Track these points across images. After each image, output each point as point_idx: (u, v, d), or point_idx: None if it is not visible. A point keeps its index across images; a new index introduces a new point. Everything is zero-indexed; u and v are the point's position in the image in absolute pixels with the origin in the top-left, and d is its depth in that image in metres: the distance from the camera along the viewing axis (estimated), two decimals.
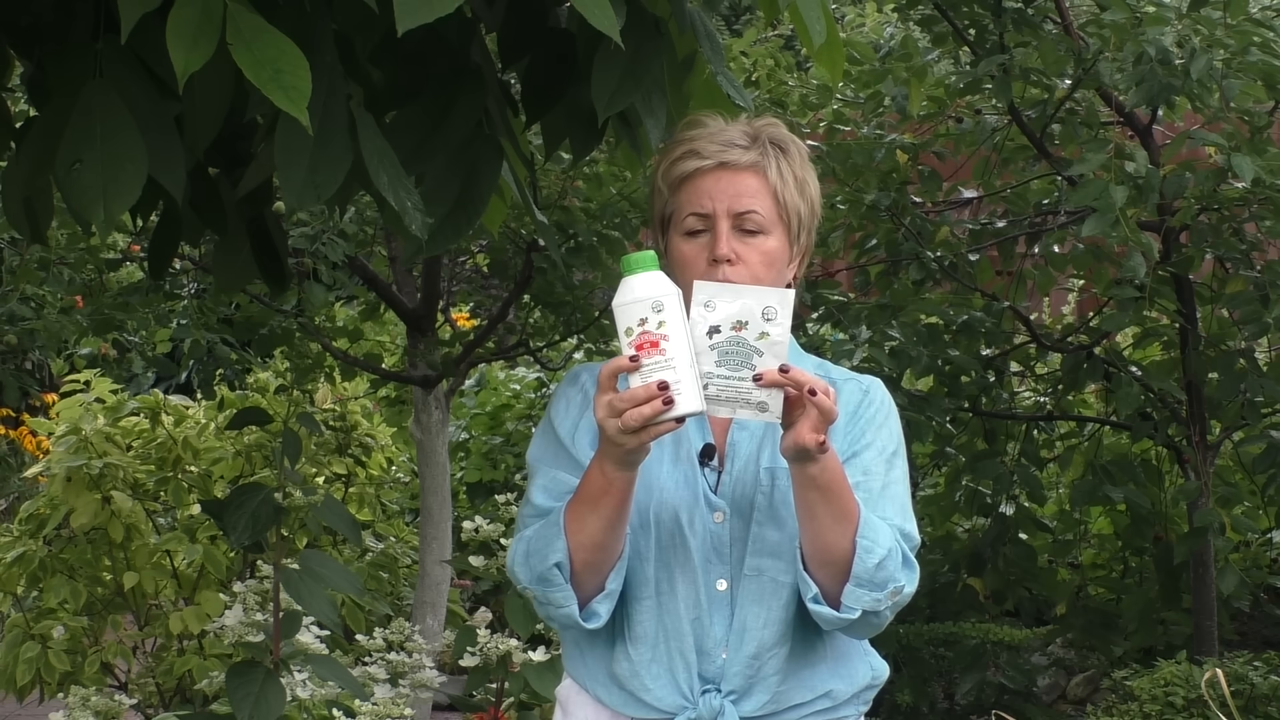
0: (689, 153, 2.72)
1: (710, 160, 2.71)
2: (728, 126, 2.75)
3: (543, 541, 2.79)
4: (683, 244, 2.75)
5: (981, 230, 6.99)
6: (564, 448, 2.85)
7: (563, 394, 2.90)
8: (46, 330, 6.65)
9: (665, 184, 2.76)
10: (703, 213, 2.72)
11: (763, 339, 2.57)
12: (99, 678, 6.09)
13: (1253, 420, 6.44)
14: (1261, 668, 5.92)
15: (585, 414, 2.85)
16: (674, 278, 2.66)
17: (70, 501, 6.14)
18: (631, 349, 2.55)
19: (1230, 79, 5.82)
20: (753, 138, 2.74)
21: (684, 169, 2.72)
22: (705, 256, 2.73)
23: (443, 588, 6.67)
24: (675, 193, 2.75)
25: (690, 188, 2.73)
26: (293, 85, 2.15)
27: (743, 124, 2.76)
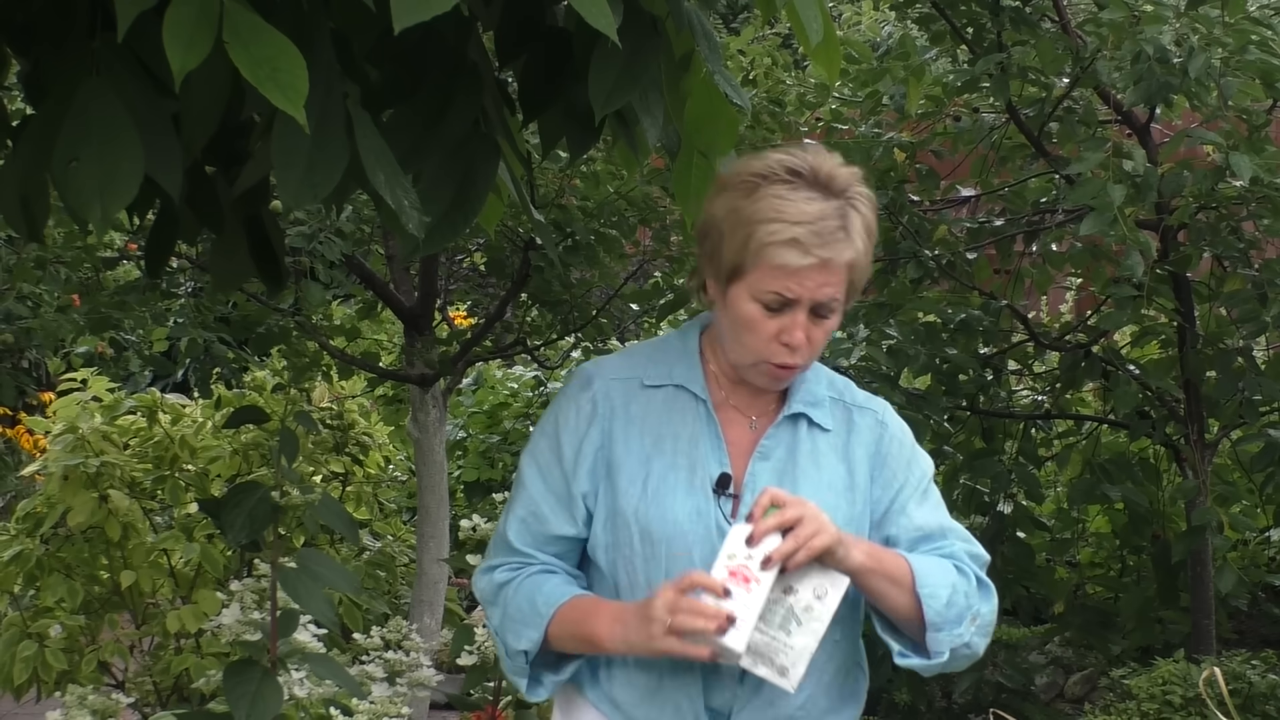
0: (791, 242, 2.68)
1: (812, 259, 2.69)
2: (822, 199, 2.70)
3: (519, 623, 2.83)
4: (752, 307, 2.74)
5: (979, 229, 6.99)
6: (562, 472, 2.84)
7: (572, 399, 2.87)
8: (43, 329, 6.65)
9: (751, 249, 2.70)
10: (789, 298, 2.72)
11: (807, 611, 2.68)
12: (96, 676, 6.09)
13: (1251, 419, 6.44)
14: (1259, 666, 5.93)
15: (592, 428, 2.83)
16: (724, 321, 2.77)
17: (67, 500, 6.14)
18: (725, 572, 2.63)
19: (1228, 77, 5.83)
20: (843, 214, 2.71)
21: (782, 259, 2.69)
22: (773, 332, 2.74)
23: (440, 586, 6.68)
24: (760, 264, 2.70)
25: (781, 272, 2.70)
26: (289, 84, 2.15)
27: (827, 184, 2.72)
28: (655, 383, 2.87)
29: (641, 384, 2.87)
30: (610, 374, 2.87)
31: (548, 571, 2.87)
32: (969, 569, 2.93)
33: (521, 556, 2.87)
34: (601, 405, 2.84)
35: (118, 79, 2.39)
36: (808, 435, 2.89)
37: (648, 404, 2.85)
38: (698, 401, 2.86)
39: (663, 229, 6.84)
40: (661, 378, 2.87)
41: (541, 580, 2.85)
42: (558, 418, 2.86)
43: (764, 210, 2.69)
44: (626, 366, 2.89)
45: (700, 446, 2.84)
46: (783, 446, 2.88)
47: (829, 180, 2.72)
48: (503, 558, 2.89)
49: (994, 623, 2.94)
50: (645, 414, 2.85)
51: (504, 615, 2.86)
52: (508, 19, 2.85)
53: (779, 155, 2.75)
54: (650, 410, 2.85)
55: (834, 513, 2.81)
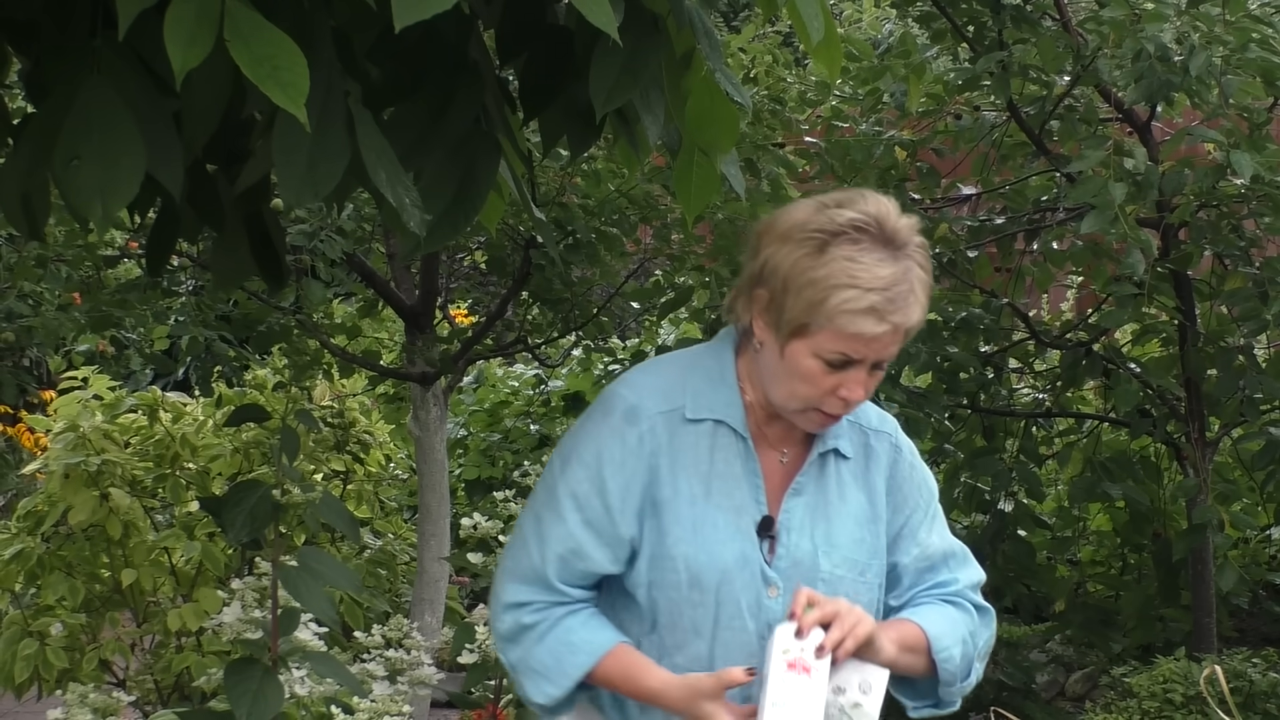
0: (867, 311, 2.65)
1: (886, 326, 2.66)
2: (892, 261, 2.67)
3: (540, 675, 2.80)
4: (812, 363, 2.70)
5: (980, 227, 6.99)
6: (606, 509, 2.78)
7: (617, 434, 2.80)
8: (44, 327, 6.66)
9: (823, 313, 2.66)
10: (855, 359, 2.70)
11: (856, 708, 2.75)
12: (97, 675, 6.09)
13: (1251, 417, 6.45)
14: (1260, 664, 5.93)
15: (640, 465, 2.77)
16: (773, 365, 2.73)
17: (68, 498, 6.14)
18: (784, 665, 2.68)
19: (1229, 75, 5.83)
20: (911, 274, 2.68)
21: (857, 328, 2.66)
22: (831, 386, 2.72)
23: (441, 585, 6.68)
24: (829, 327, 2.66)
25: (853, 338, 2.67)
26: (290, 82, 2.15)
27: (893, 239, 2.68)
28: (697, 416, 2.81)
29: (684, 417, 2.80)
30: (654, 406, 2.80)
31: (573, 613, 2.81)
32: (969, 605, 2.95)
33: (555, 595, 2.80)
34: (648, 442, 2.78)
35: (119, 77, 2.39)
36: (834, 467, 2.89)
37: (690, 440, 2.80)
38: (738, 439, 2.82)
39: (664, 227, 6.84)
40: (703, 410, 2.81)
41: (568, 629, 2.80)
42: (600, 451, 2.79)
43: (836, 274, 2.64)
44: (666, 395, 2.82)
45: (742, 487, 2.81)
46: (812, 481, 2.87)
47: (894, 235, 2.68)
48: (532, 595, 2.81)
49: (993, 640, 2.99)
50: (689, 451, 2.80)
51: (523, 661, 2.82)
52: (508, 17, 2.85)
53: (845, 211, 2.69)
54: (693, 447, 2.80)
55: (859, 546, 2.85)
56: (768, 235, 2.74)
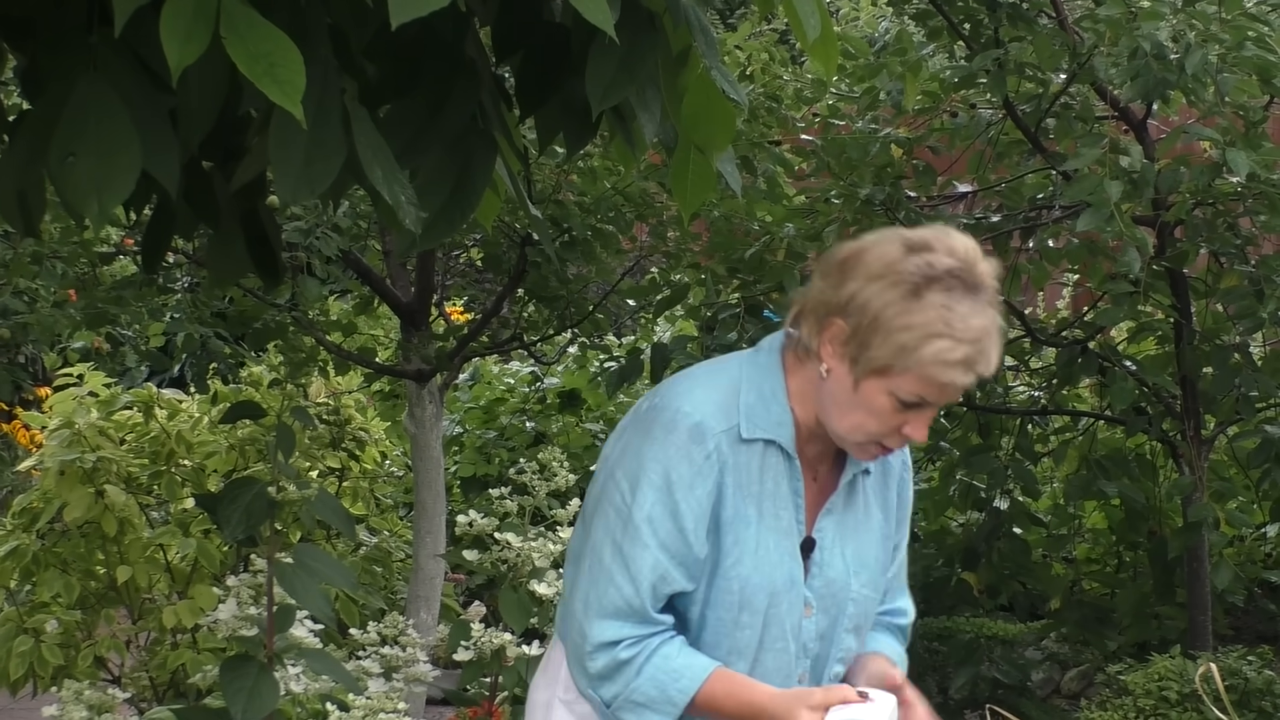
0: (962, 363, 2.67)
1: (973, 376, 2.68)
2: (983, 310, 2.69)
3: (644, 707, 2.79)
4: (885, 399, 2.70)
5: (976, 225, 6.98)
6: (680, 531, 2.76)
7: (685, 454, 2.77)
8: (40, 324, 6.65)
9: (914, 360, 2.66)
10: (930, 401, 2.71)
11: None
12: (92, 671, 6.09)
13: (1247, 415, 6.45)
14: (1255, 662, 5.93)
15: (709, 484, 2.76)
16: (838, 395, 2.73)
17: (63, 495, 6.13)
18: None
19: (1225, 74, 5.83)
20: (997, 323, 2.72)
21: (949, 378, 2.67)
22: (897, 424, 2.73)
23: (437, 582, 6.68)
24: (916, 372, 2.67)
25: (938, 385, 2.68)
26: (287, 79, 2.15)
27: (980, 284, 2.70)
28: (751, 436, 2.79)
29: (739, 436, 2.79)
30: (717, 424, 2.77)
31: (666, 641, 2.80)
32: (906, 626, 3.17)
33: (650, 626, 2.79)
34: (715, 461, 2.76)
35: (115, 74, 2.39)
36: (860, 483, 2.92)
37: (744, 460, 2.79)
38: (786, 459, 2.82)
39: (660, 224, 6.84)
40: (756, 430, 2.80)
41: (666, 657, 2.79)
42: (668, 472, 2.76)
43: (933, 322, 2.65)
44: (725, 413, 2.79)
45: (788, 508, 2.83)
46: (841, 499, 2.89)
47: (980, 281, 2.70)
48: (628, 630, 2.79)
49: None
50: (744, 471, 2.79)
51: (623, 696, 2.80)
52: (505, 15, 2.85)
53: (940, 257, 2.69)
54: (748, 467, 2.80)
55: (880, 565, 2.93)
56: (855, 269, 2.72)
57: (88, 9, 2.44)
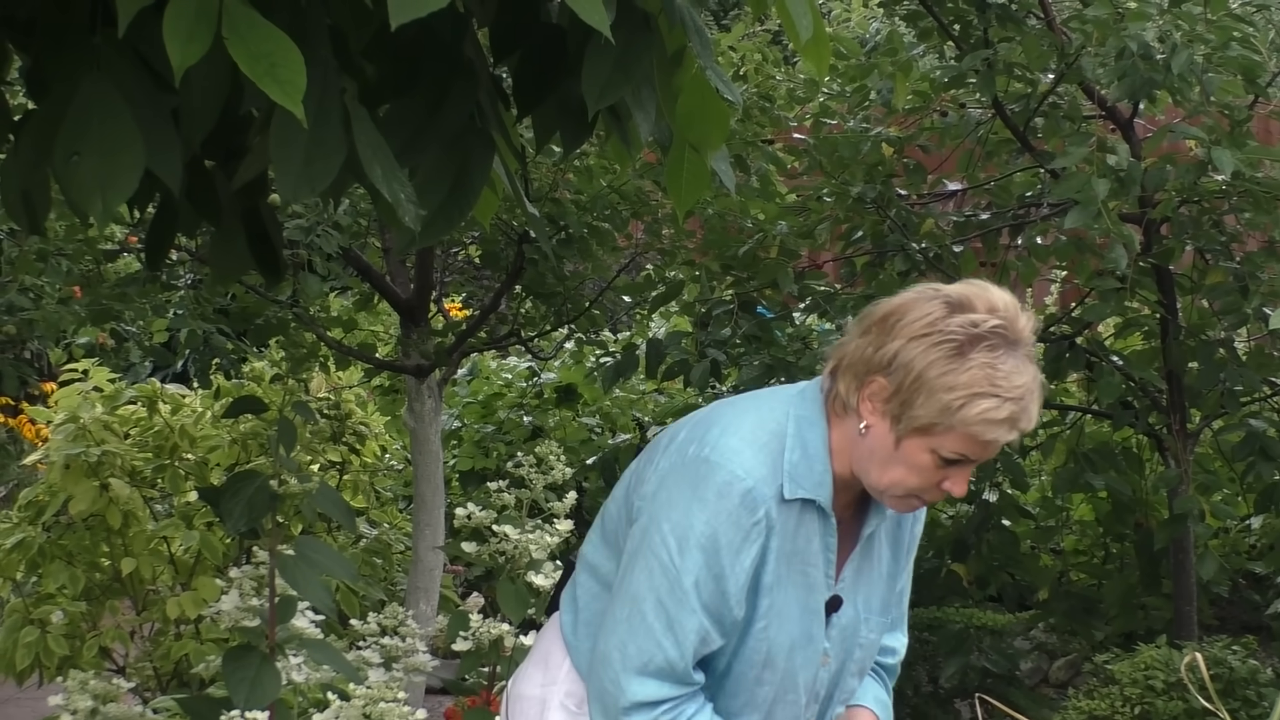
0: (1006, 421, 2.63)
1: (1016, 433, 2.65)
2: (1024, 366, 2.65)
3: None
4: (928, 457, 2.66)
5: (965, 222, 6.99)
6: (723, 594, 2.72)
7: (735, 520, 2.71)
8: (45, 320, 6.64)
9: (958, 419, 2.62)
10: (972, 458, 2.68)
11: None
12: (97, 662, 6.09)
13: (1232, 409, 6.45)
14: (1240, 652, 5.93)
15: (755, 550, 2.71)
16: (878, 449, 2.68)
17: (69, 488, 6.13)
18: None
19: (1211, 74, 5.83)
20: (1038, 379, 2.68)
21: (992, 435, 2.63)
22: (937, 480, 2.69)
23: (436, 573, 6.68)
24: (959, 430, 2.63)
25: (981, 443, 2.65)
26: (288, 79, 2.15)
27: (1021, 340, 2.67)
28: (793, 496, 2.74)
29: (782, 497, 2.73)
30: (768, 490, 2.71)
31: (701, 709, 2.77)
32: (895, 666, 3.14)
33: (688, 686, 2.75)
34: (764, 527, 2.72)
35: (118, 74, 2.39)
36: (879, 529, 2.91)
37: (786, 518, 2.75)
38: (822, 516, 2.78)
39: (655, 222, 6.84)
40: (798, 490, 2.74)
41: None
42: (716, 536, 2.70)
43: (977, 381, 2.61)
44: (773, 475, 2.73)
45: (818, 564, 2.80)
46: (861, 545, 2.88)
47: (1021, 337, 2.67)
48: (669, 691, 2.74)
49: None
50: (785, 531, 2.75)
51: None
52: (502, 16, 2.85)
53: (983, 316, 2.65)
54: (783, 525, 2.75)
55: (883, 607, 2.93)
56: (897, 327, 2.68)
57: (91, 10, 2.44)
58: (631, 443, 9.03)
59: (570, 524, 4.73)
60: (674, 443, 2.83)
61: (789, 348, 6.72)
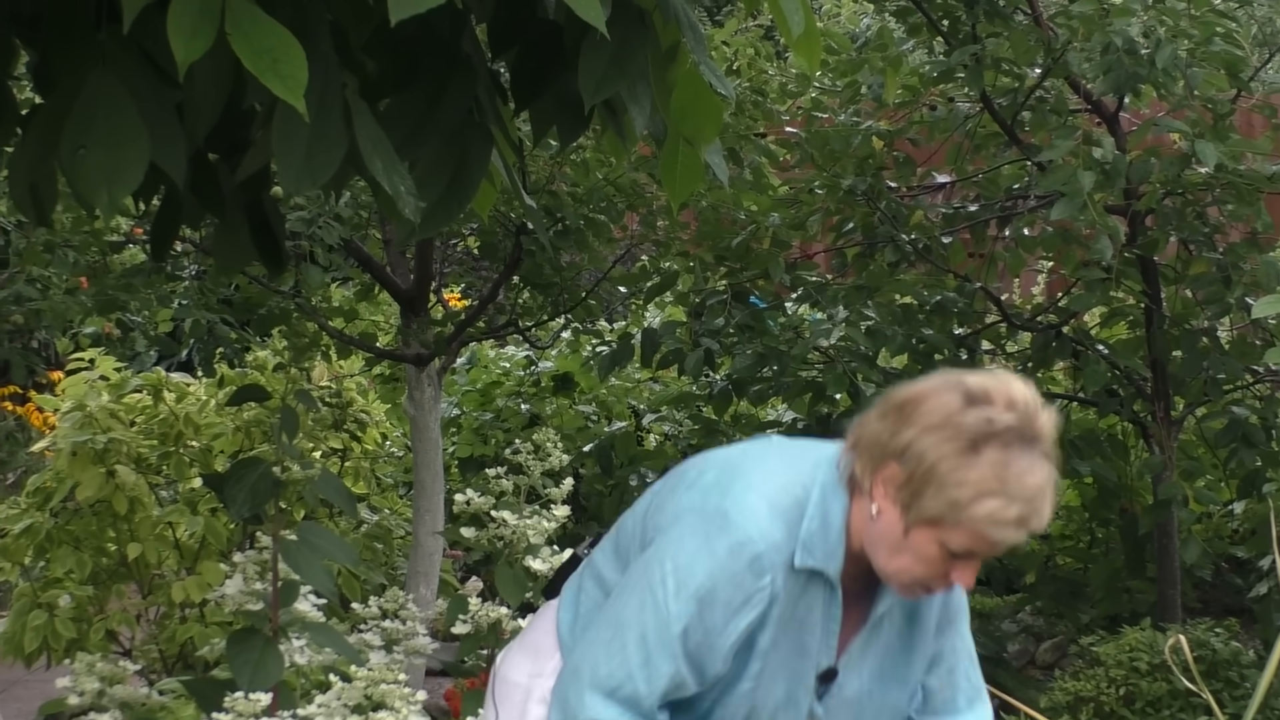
0: (1015, 521, 2.55)
1: (1024, 532, 2.58)
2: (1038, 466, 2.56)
3: None
4: (935, 548, 2.60)
5: (954, 214, 6.99)
6: (711, 650, 2.68)
7: (738, 580, 2.67)
8: (52, 310, 6.63)
9: (966, 515, 2.56)
10: (979, 553, 2.62)
11: None
12: (104, 645, 6.08)
13: (1215, 396, 6.46)
14: (1222, 634, 5.94)
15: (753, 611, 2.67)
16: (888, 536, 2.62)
17: (75, 475, 6.12)
18: None
19: (1194, 68, 5.83)
20: (1052, 479, 2.59)
21: (1000, 535, 2.57)
22: (945, 570, 2.64)
23: (435, 558, 6.67)
24: (968, 527, 2.57)
25: (988, 540, 2.58)
26: (290, 74, 2.15)
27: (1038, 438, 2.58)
28: (802, 565, 2.69)
29: (792, 565, 2.69)
30: (778, 556, 2.67)
31: None
32: None
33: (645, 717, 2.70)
34: (767, 593, 2.67)
35: (123, 69, 2.39)
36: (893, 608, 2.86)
37: (792, 585, 2.70)
38: (828, 587, 2.73)
39: (649, 214, 6.83)
40: (808, 560, 2.69)
41: None
42: (715, 589, 2.66)
43: (988, 480, 2.54)
44: (787, 541, 2.68)
45: (816, 634, 2.75)
46: (869, 620, 2.82)
47: (1040, 434, 2.58)
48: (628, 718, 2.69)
49: None
50: (788, 598, 2.71)
51: None
52: (500, 12, 2.85)
53: (1001, 412, 2.57)
54: (791, 593, 2.71)
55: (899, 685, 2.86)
56: (914, 416, 2.61)
57: (96, 6, 2.44)
58: (627, 430, 9.03)
59: (567, 509, 4.73)
60: (700, 480, 2.78)
61: (781, 337, 6.72)
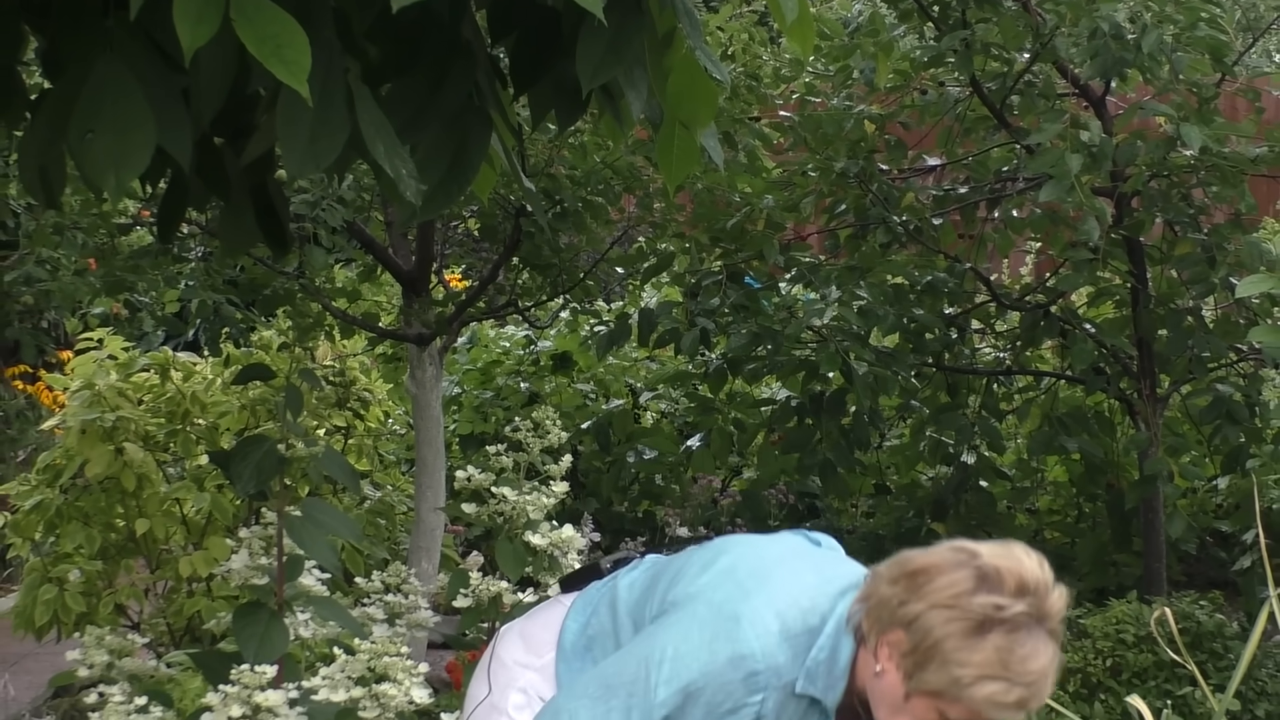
0: (1015, 703, 2.53)
1: (1023, 713, 2.55)
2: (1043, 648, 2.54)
3: None
4: (933, 715, 2.58)
5: (944, 196, 6.99)
6: None
7: (730, 689, 2.68)
8: (61, 291, 6.63)
9: (966, 694, 2.54)
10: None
11: None
12: (113, 618, 6.09)
13: (1199, 374, 6.46)
14: (1207, 606, 5.95)
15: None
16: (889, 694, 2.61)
17: (85, 452, 6.12)
18: None
19: (1179, 53, 5.83)
20: (1056, 658, 2.57)
21: (999, 715, 2.54)
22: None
23: (437, 533, 6.68)
24: (967, 703, 2.54)
25: (988, 716, 2.55)
26: (293, 59, 2.15)
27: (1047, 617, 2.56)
28: (803, 692, 2.69)
29: (792, 690, 2.69)
30: (776, 680, 2.68)
31: None
32: None
33: None
34: (755, 711, 2.68)
35: (130, 55, 2.39)
36: None
37: (782, 704, 2.70)
38: (823, 714, 2.73)
39: (646, 196, 6.83)
40: (810, 688, 2.69)
41: None
42: (705, 694, 2.67)
43: (991, 664, 2.52)
44: (790, 667, 2.69)
45: None
46: None
47: (1048, 614, 2.56)
48: None
49: None
50: (774, 716, 2.70)
51: None
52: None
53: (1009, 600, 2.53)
54: (784, 711, 2.70)
55: None
56: (924, 589, 2.59)
57: None
58: (625, 408, 9.04)
59: (565, 485, 4.73)
60: (729, 567, 2.80)
61: (775, 316, 6.73)
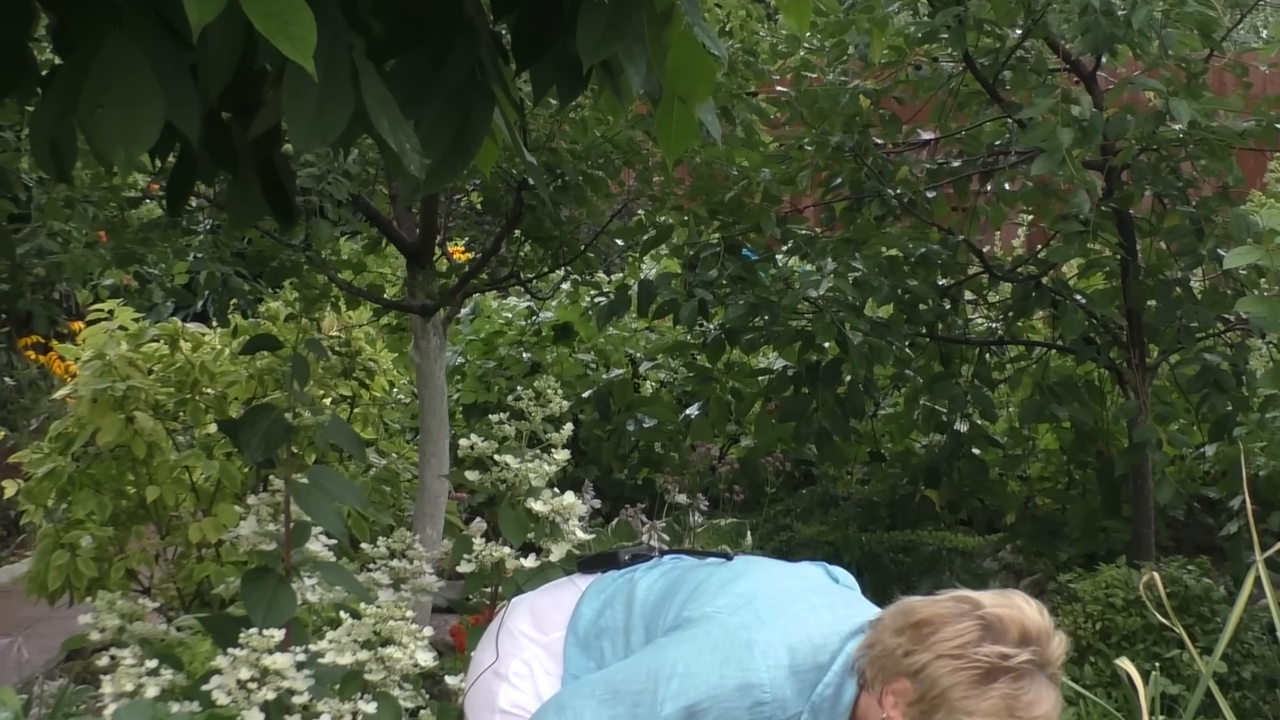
0: None
1: None
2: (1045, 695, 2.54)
3: None
4: None
5: (938, 169, 6.98)
6: None
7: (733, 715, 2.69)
8: (72, 263, 6.63)
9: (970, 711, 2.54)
10: None
11: None
12: (124, 583, 6.10)
13: (1188, 344, 6.47)
14: (1194, 571, 5.96)
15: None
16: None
17: (96, 421, 6.13)
18: None
19: (1168, 28, 5.82)
20: (1058, 704, 2.57)
21: None
22: None
23: (441, 500, 6.68)
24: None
25: None
26: (299, 36, 2.15)
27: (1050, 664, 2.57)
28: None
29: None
30: (780, 711, 2.69)
31: None
32: None
33: None
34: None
35: (139, 32, 2.38)
36: None
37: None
38: None
39: (645, 170, 6.83)
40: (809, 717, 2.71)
41: None
42: (708, 714, 2.69)
43: (997, 710, 2.53)
44: (796, 699, 2.70)
45: None
46: None
47: (1050, 661, 2.57)
48: None
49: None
50: None
51: None
52: None
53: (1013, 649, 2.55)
54: None
55: None
56: (929, 640, 2.60)
57: None
58: (625, 377, 9.04)
59: (567, 453, 4.73)
60: (749, 593, 2.81)
61: (772, 288, 6.73)
